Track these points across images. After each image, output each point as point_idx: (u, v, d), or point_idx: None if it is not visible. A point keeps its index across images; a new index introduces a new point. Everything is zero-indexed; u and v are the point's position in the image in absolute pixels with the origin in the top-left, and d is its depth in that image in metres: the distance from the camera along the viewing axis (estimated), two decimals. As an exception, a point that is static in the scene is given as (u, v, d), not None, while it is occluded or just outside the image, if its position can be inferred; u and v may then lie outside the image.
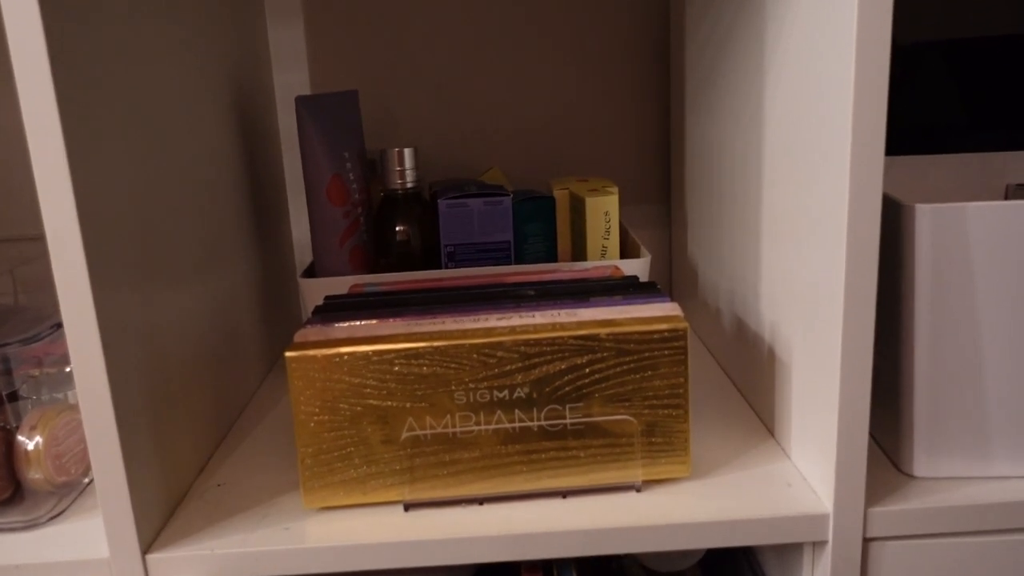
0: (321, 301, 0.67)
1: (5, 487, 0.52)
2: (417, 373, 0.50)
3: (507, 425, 0.51)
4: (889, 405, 0.52)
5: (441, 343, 0.49)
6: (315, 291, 0.69)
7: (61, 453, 0.53)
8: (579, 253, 0.73)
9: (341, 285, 0.68)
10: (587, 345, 0.50)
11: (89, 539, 0.50)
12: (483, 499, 0.52)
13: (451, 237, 0.70)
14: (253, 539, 0.49)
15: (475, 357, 0.50)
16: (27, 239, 0.83)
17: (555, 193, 0.73)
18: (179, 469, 0.54)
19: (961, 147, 0.67)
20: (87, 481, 0.56)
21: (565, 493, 0.52)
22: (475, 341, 0.49)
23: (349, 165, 0.70)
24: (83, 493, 0.56)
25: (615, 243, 0.71)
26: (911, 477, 0.52)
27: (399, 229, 0.71)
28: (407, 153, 0.71)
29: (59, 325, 0.55)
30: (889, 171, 0.65)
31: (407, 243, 0.71)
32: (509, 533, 0.49)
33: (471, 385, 0.50)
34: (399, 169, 0.71)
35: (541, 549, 0.49)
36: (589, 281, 0.61)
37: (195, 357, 0.58)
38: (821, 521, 0.49)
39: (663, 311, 0.52)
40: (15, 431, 0.52)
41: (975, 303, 0.48)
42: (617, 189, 0.71)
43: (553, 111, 0.88)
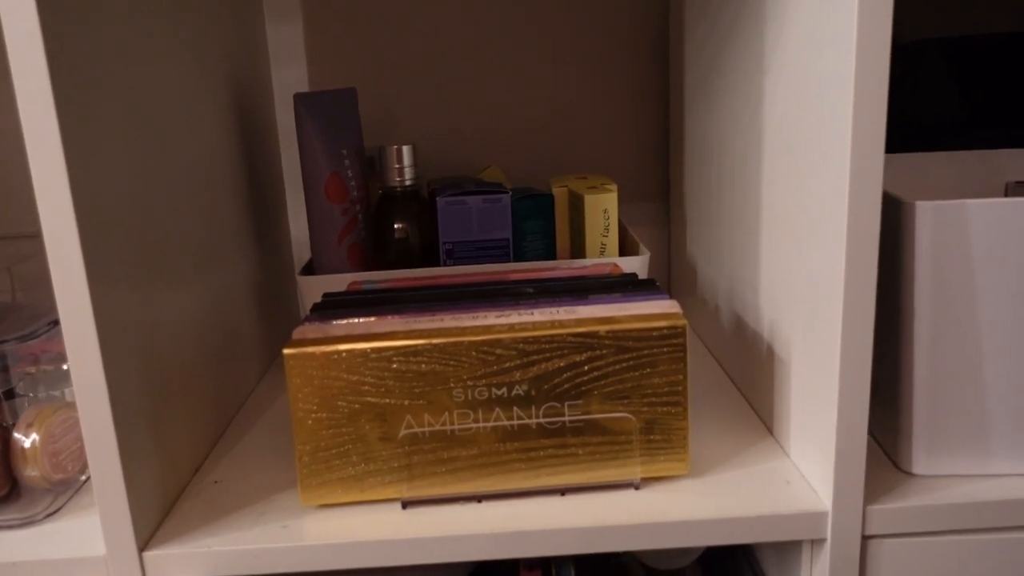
0: (319, 298, 0.66)
1: (2, 484, 0.52)
2: (415, 370, 0.50)
3: (506, 422, 0.51)
4: (888, 403, 0.52)
5: (439, 340, 0.49)
6: (313, 288, 0.68)
7: (58, 450, 0.53)
8: (578, 251, 0.73)
9: (339, 282, 0.68)
10: (586, 342, 0.50)
11: (86, 536, 0.50)
12: (481, 496, 0.52)
13: (450, 234, 0.70)
14: (250, 536, 0.49)
15: (474, 354, 0.50)
16: (24, 236, 0.83)
17: (554, 191, 0.73)
18: (176, 466, 0.54)
19: (961, 145, 0.67)
20: (84, 478, 0.56)
21: (564, 491, 0.52)
22: (474, 338, 0.49)
23: (347, 162, 0.70)
24: (80, 490, 0.55)
25: (614, 241, 0.71)
26: (910, 475, 0.52)
27: (398, 227, 0.71)
28: (406, 150, 0.71)
29: (56, 322, 0.54)
30: (889, 169, 0.65)
31: (406, 240, 0.71)
32: (507, 531, 0.49)
33: (469, 382, 0.50)
34: (398, 166, 0.71)
35: (539, 547, 0.49)
36: (588, 278, 0.61)
37: (193, 354, 0.58)
38: (820, 519, 0.49)
39: (662, 308, 0.52)
40: (12, 428, 0.52)
41: (975, 301, 0.48)
42: (616, 187, 0.70)
43: (552, 109, 0.88)
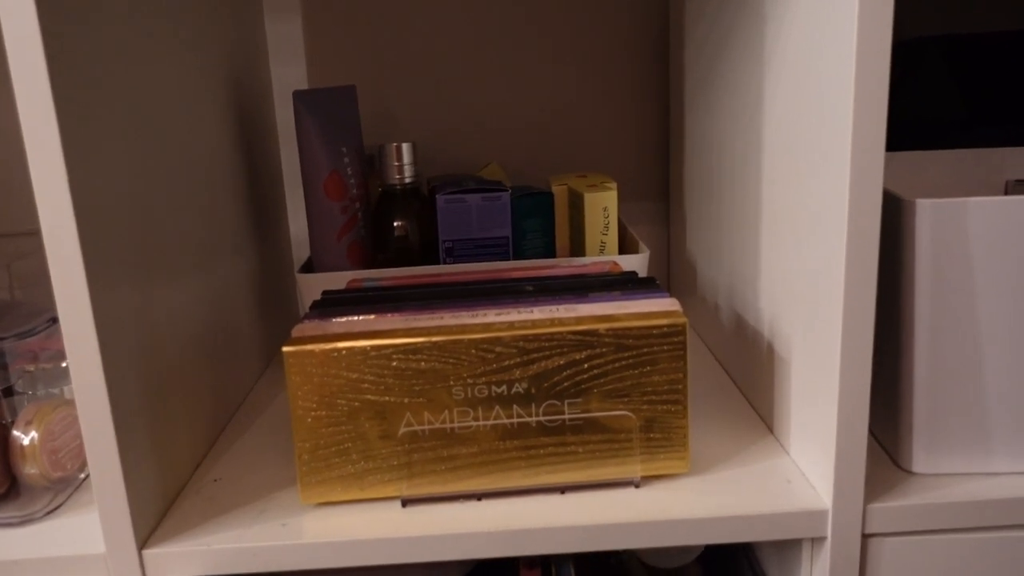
0: (319, 296, 0.66)
1: (1, 482, 0.52)
2: (415, 368, 0.50)
3: (505, 421, 0.50)
4: (888, 401, 0.52)
5: (439, 338, 0.49)
6: (313, 286, 0.68)
7: (57, 448, 0.52)
8: (577, 249, 0.73)
9: (339, 280, 0.68)
10: (586, 340, 0.50)
11: (85, 534, 0.50)
12: (481, 495, 0.52)
13: (449, 232, 0.70)
14: (250, 534, 0.49)
15: (473, 352, 0.49)
16: (23, 234, 0.83)
17: (554, 189, 0.73)
18: (176, 464, 0.54)
19: (961, 143, 0.67)
20: (83, 476, 0.56)
21: (563, 489, 0.52)
22: (473, 336, 0.49)
23: (347, 160, 0.70)
24: (79, 488, 0.55)
25: (614, 239, 0.71)
26: (910, 473, 0.52)
27: (397, 224, 0.71)
28: (405, 148, 0.70)
29: (55, 319, 0.54)
30: (889, 167, 0.65)
31: (405, 238, 0.71)
32: (507, 529, 0.49)
33: (469, 380, 0.50)
34: (397, 164, 0.71)
35: (539, 545, 0.49)
36: (588, 277, 0.61)
37: (192, 352, 0.58)
38: (820, 517, 0.49)
39: (662, 306, 0.52)
40: (11, 426, 0.51)
41: (975, 299, 0.48)
42: (616, 185, 0.70)
43: (552, 107, 0.88)
